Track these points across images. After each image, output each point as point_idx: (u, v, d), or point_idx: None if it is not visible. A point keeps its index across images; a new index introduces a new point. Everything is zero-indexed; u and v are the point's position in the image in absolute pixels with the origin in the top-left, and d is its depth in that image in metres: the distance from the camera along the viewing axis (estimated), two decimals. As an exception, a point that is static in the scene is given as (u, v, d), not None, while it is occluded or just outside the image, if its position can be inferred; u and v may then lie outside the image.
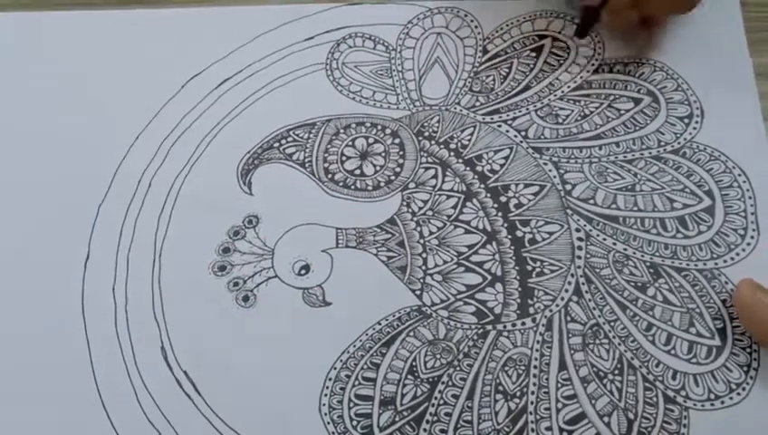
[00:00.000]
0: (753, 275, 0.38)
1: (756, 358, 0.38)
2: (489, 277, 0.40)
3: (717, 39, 0.46)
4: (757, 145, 0.43)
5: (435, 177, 0.43)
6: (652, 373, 0.38)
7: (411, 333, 0.39)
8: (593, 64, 0.46)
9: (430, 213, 0.42)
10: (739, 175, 0.42)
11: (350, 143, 0.45)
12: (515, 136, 0.44)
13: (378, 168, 0.44)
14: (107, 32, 0.49)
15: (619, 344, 0.38)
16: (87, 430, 0.38)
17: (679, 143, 0.43)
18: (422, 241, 0.42)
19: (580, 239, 0.41)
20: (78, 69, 0.48)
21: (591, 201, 0.42)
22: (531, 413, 0.37)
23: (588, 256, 0.41)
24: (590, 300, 0.40)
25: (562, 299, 0.40)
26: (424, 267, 0.41)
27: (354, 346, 0.39)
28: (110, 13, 0.49)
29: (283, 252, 0.42)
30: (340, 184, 0.43)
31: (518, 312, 0.40)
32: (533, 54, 0.46)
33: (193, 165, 0.44)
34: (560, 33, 0.47)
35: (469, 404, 0.38)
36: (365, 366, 0.39)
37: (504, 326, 0.39)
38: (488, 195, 0.43)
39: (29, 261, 0.42)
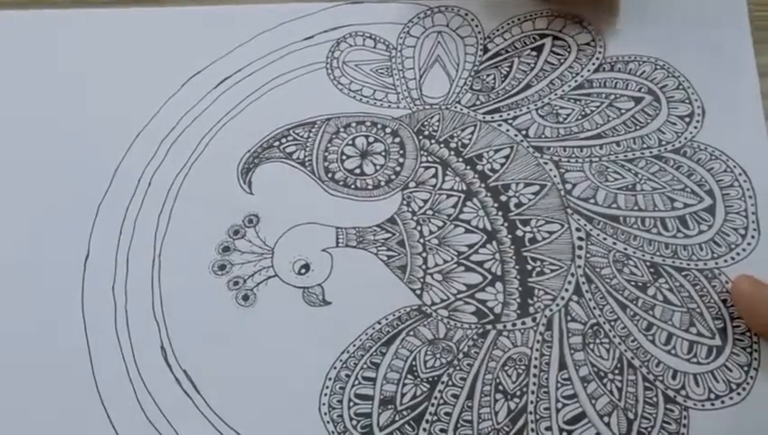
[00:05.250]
0: (753, 275, 0.38)
1: (757, 358, 0.37)
2: (489, 277, 0.40)
3: (721, 37, 0.45)
4: (758, 144, 0.42)
5: (435, 176, 0.43)
6: (652, 373, 0.38)
7: (411, 333, 0.39)
8: (594, 63, 0.46)
9: (430, 212, 0.42)
10: (740, 174, 0.42)
11: (351, 142, 0.45)
12: (516, 135, 0.44)
13: (378, 167, 0.44)
14: (106, 30, 0.49)
15: (620, 344, 0.38)
16: (86, 429, 0.38)
17: (680, 142, 0.43)
18: (422, 240, 0.42)
19: (580, 239, 0.41)
20: (77, 68, 0.48)
21: (592, 200, 0.42)
22: (531, 413, 0.37)
23: (588, 255, 0.41)
24: (590, 299, 0.39)
25: (563, 298, 0.40)
26: (424, 267, 0.41)
27: (354, 346, 0.39)
28: (109, 11, 0.49)
29: (282, 251, 0.42)
30: (341, 183, 0.43)
31: (518, 311, 0.40)
32: (534, 53, 0.46)
33: (193, 164, 0.44)
34: (560, 31, 0.47)
35: (469, 404, 0.38)
36: (365, 366, 0.39)
37: (504, 326, 0.39)
38: (488, 194, 0.42)
39: (29, 260, 0.42)
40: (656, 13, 0.47)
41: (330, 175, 0.44)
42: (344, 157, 0.44)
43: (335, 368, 0.39)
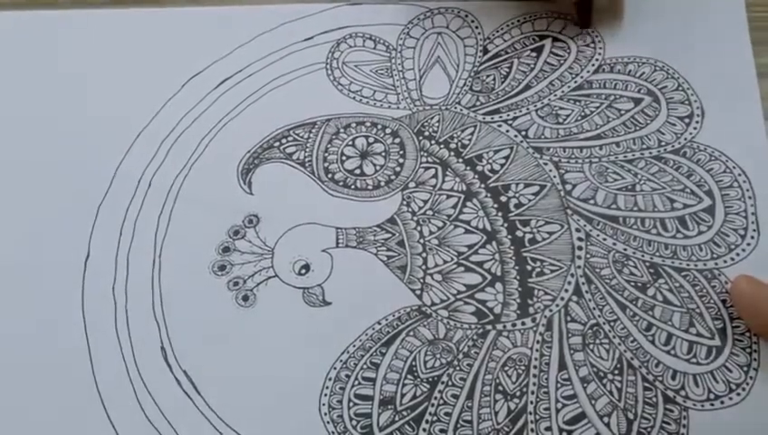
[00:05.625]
0: (753, 276, 0.38)
1: (756, 358, 0.37)
2: (489, 277, 0.40)
3: (720, 38, 0.46)
4: (758, 145, 0.42)
5: (435, 176, 0.43)
6: (652, 373, 0.38)
7: (411, 333, 0.39)
8: (594, 64, 0.46)
9: (430, 213, 0.42)
10: (739, 175, 0.42)
11: (351, 143, 0.45)
12: (516, 136, 0.44)
13: (378, 167, 0.44)
14: (106, 31, 0.49)
15: (619, 344, 0.38)
16: (86, 429, 0.38)
17: (680, 143, 0.43)
18: (422, 241, 0.42)
19: (580, 239, 0.41)
20: (78, 68, 0.48)
21: (591, 201, 0.42)
22: (530, 413, 0.37)
23: (588, 255, 0.41)
24: (590, 300, 0.40)
25: (562, 299, 0.40)
26: (424, 267, 0.41)
27: (354, 346, 0.39)
28: (109, 12, 0.49)
29: (282, 251, 0.42)
30: (341, 183, 0.43)
31: (518, 312, 0.40)
32: (534, 54, 0.46)
33: (193, 164, 0.44)
34: (560, 33, 0.47)
35: (469, 404, 0.38)
36: (365, 366, 0.39)
37: (504, 326, 0.39)
38: (488, 195, 0.43)
39: (29, 260, 0.42)
40: (655, 14, 0.47)
41: (330, 175, 0.44)
42: (344, 157, 0.44)
43: (335, 368, 0.39)
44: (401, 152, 0.44)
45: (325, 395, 0.38)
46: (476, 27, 0.47)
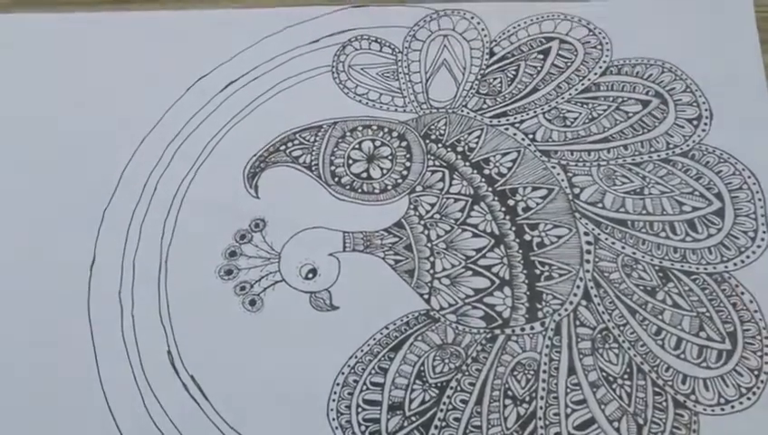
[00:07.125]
0: (763, 278, 0.38)
1: (767, 362, 0.37)
2: (497, 281, 0.40)
3: (728, 40, 0.45)
4: (766, 147, 0.42)
5: (442, 180, 0.43)
6: (662, 378, 0.37)
7: (419, 338, 0.39)
8: (601, 66, 0.45)
9: (438, 216, 0.42)
10: (749, 177, 0.42)
11: (357, 146, 0.44)
12: (523, 139, 0.44)
13: (385, 171, 0.44)
14: (112, 34, 0.49)
15: (629, 349, 0.38)
16: (93, 434, 0.38)
17: (688, 145, 0.43)
18: (429, 245, 0.41)
19: (588, 243, 0.41)
20: (83, 72, 0.48)
21: (600, 205, 0.42)
22: (540, 418, 0.37)
23: (596, 259, 0.40)
24: (599, 304, 0.39)
25: (571, 303, 0.39)
26: (432, 271, 0.41)
27: (362, 351, 0.39)
28: (115, 15, 0.49)
29: (289, 256, 0.42)
30: (347, 187, 0.43)
31: (527, 316, 0.39)
32: (541, 57, 0.46)
33: (199, 168, 0.44)
34: (567, 35, 0.47)
35: (478, 409, 0.37)
36: (373, 371, 0.39)
37: (513, 331, 0.39)
38: (496, 198, 0.42)
39: (35, 265, 0.42)
40: (663, 15, 0.46)
41: (336, 179, 0.43)
42: (351, 161, 0.44)
43: (343, 373, 0.39)
44: (408, 156, 0.44)
45: (333, 400, 0.38)
46: (483, 29, 0.47)
